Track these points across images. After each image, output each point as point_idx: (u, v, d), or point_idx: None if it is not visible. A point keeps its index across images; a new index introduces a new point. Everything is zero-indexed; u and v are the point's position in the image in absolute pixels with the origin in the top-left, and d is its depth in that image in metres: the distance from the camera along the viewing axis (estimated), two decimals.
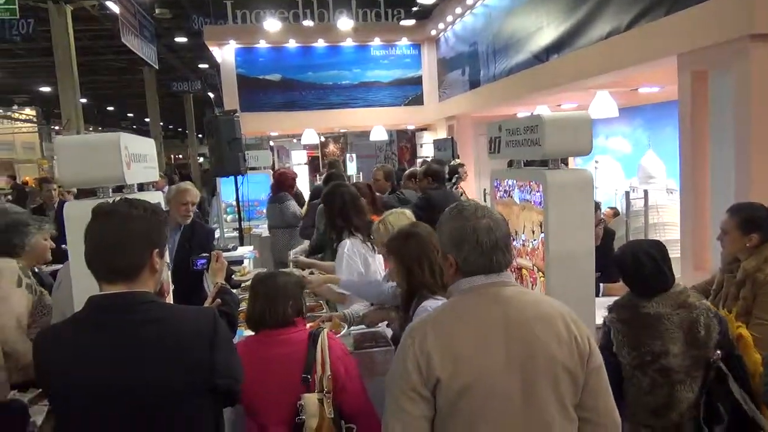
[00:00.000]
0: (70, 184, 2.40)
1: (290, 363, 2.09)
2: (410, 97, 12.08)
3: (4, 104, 23.28)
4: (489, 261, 1.62)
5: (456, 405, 1.53)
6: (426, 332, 1.57)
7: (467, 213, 1.66)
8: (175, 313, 1.66)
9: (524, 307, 1.61)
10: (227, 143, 5.86)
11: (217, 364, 1.60)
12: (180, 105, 29.13)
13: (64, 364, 1.55)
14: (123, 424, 1.54)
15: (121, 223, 1.57)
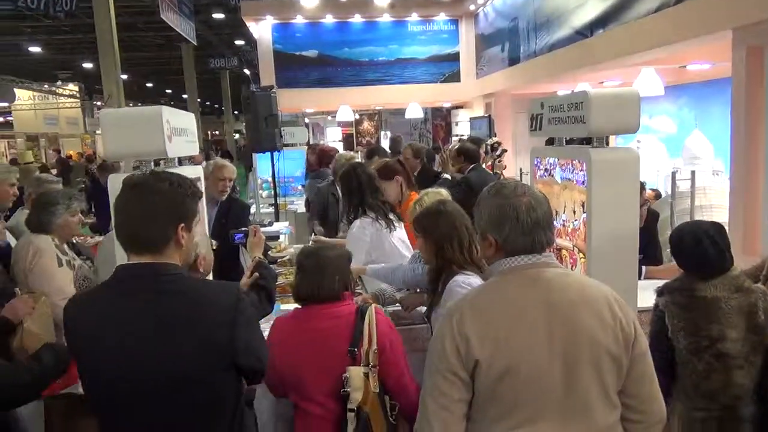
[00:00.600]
0: (113, 156, 2.43)
1: (337, 336, 2.10)
2: (447, 74, 11.89)
3: (49, 80, 23.92)
4: (530, 240, 1.57)
5: (495, 388, 1.51)
6: (464, 314, 1.54)
7: (507, 191, 1.61)
8: (198, 287, 1.65)
9: (567, 289, 1.56)
10: (264, 119, 5.89)
11: (237, 342, 1.59)
12: (217, 81, 29.42)
13: (88, 330, 1.57)
14: (144, 392, 1.55)
15: (147, 195, 1.57)
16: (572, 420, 1.53)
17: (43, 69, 24.87)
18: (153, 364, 1.53)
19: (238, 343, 1.59)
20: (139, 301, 1.55)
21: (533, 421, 1.51)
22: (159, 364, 1.53)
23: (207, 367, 1.56)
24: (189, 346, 1.54)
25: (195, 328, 1.55)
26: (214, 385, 1.59)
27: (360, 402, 2.03)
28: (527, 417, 1.51)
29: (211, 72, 26.23)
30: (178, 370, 1.54)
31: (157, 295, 1.56)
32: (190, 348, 1.54)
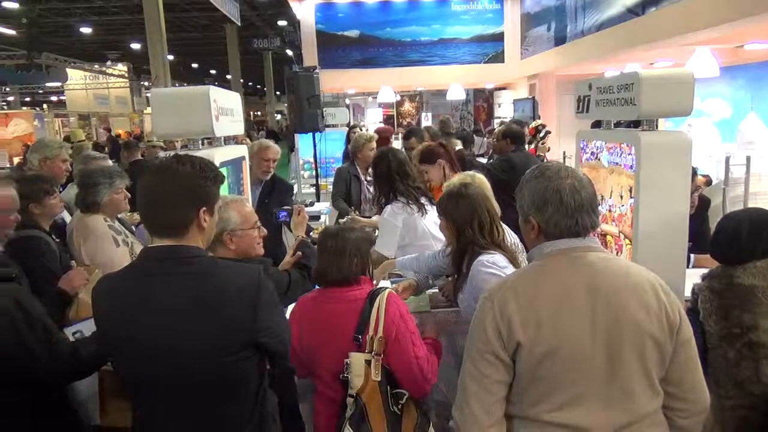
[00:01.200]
0: (162, 135, 2.50)
1: (346, 320, 2.08)
2: (490, 55, 11.67)
3: (99, 60, 24.62)
4: (574, 223, 1.54)
5: (537, 371, 1.50)
6: (506, 296, 1.53)
7: (550, 173, 1.59)
8: (220, 268, 1.65)
9: (611, 273, 1.54)
10: (306, 100, 5.92)
11: (259, 323, 1.60)
12: (259, 62, 29.71)
13: (114, 310, 1.61)
14: (168, 371, 1.58)
15: (169, 179, 1.58)
16: (613, 405, 1.51)
17: (94, 49, 25.62)
18: (176, 344, 1.55)
19: (259, 324, 1.60)
20: (162, 283, 1.57)
21: (574, 404, 1.50)
22: (182, 344, 1.55)
23: (229, 348, 1.58)
24: (212, 327, 1.56)
25: (217, 310, 1.56)
26: (237, 365, 1.61)
27: (358, 389, 2.02)
28: (568, 400, 1.50)
29: (253, 53, 26.48)
30: (200, 350, 1.56)
31: (180, 277, 1.58)
32: (213, 329, 1.56)
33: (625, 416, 1.52)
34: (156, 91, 2.46)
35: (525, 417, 1.55)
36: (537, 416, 1.53)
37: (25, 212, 2.69)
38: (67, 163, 3.76)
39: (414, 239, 3.41)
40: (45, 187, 2.82)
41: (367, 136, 5.17)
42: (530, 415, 1.54)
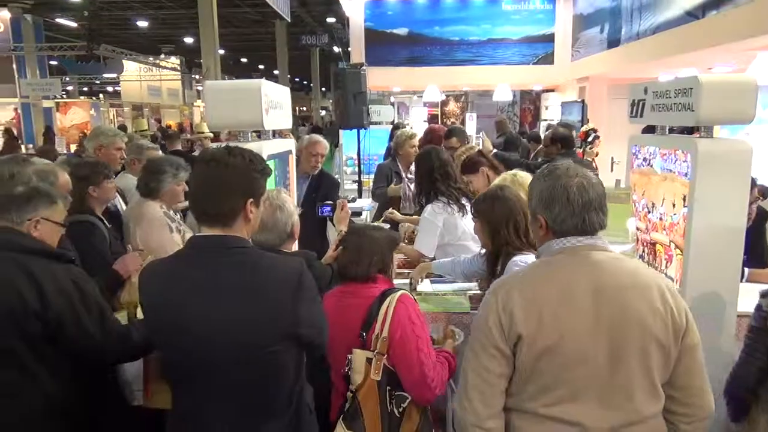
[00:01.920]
0: (215, 126, 2.56)
1: (355, 316, 2.07)
2: (540, 56, 11.47)
3: (153, 53, 25.38)
4: (581, 221, 1.56)
5: (536, 365, 1.51)
6: (510, 290, 1.55)
7: (559, 172, 1.61)
8: (263, 260, 1.68)
9: (618, 273, 1.53)
10: (353, 96, 5.95)
11: (299, 314, 1.62)
12: (306, 58, 30.04)
13: (159, 297, 1.65)
14: (209, 358, 1.60)
15: (220, 170, 1.61)
16: (612, 403, 1.51)
17: (149, 43, 26.42)
18: (218, 332, 1.58)
19: (300, 315, 1.63)
20: (208, 272, 1.61)
21: (572, 400, 1.51)
22: (224, 332, 1.58)
23: (270, 337, 1.61)
24: (253, 316, 1.59)
25: (260, 299, 1.59)
26: (277, 354, 1.63)
27: (357, 386, 2.01)
28: (566, 396, 1.51)
29: (301, 49, 26.80)
30: (242, 338, 1.59)
31: (225, 266, 1.61)
32: (255, 318, 1.59)
33: (623, 416, 1.51)
34: (210, 83, 2.52)
35: (523, 410, 1.56)
36: (534, 410, 1.54)
37: (82, 197, 2.81)
38: (121, 151, 3.86)
39: (453, 239, 3.41)
40: (104, 172, 2.94)
41: (408, 133, 5.19)
42: (528, 409, 1.55)
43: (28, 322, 1.84)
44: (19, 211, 1.96)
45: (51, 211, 2.03)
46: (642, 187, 3.10)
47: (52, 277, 1.89)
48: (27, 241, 1.94)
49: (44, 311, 1.85)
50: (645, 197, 3.07)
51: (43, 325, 1.86)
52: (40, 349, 1.89)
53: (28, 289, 1.84)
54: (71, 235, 2.67)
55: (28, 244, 1.93)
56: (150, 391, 2.48)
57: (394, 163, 5.09)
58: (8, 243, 1.91)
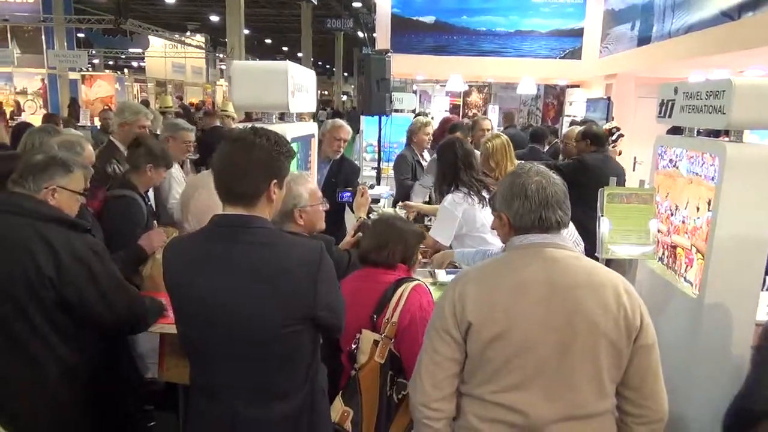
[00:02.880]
0: (240, 106, 2.57)
1: (370, 299, 2.11)
2: (567, 51, 11.28)
3: (179, 30, 25.48)
4: (538, 217, 1.61)
5: (485, 352, 1.56)
6: (468, 281, 1.63)
7: (521, 171, 1.68)
8: (284, 240, 1.70)
9: (573, 270, 1.58)
10: (376, 82, 5.91)
11: (318, 296, 1.64)
12: (330, 42, 29.97)
13: (181, 273, 1.68)
14: (226, 335, 1.63)
15: (246, 150, 1.62)
16: (556, 396, 1.54)
17: (175, 20, 26.52)
18: (236, 310, 1.61)
19: (318, 297, 1.65)
20: (229, 250, 1.63)
21: (517, 388, 1.56)
22: (242, 310, 1.60)
23: (287, 318, 1.63)
24: (272, 296, 1.61)
25: (280, 280, 1.61)
26: (293, 335, 1.65)
27: (361, 365, 2.05)
28: (512, 384, 1.56)
29: (325, 32, 26.75)
30: (259, 317, 1.61)
31: (247, 246, 1.63)
32: (274, 298, 1.61)
33: (566, 409, 1.54)
34: (237, 63, 2.53)
35: (471, 395, 1.62)
36: (481, 396, 1.60)
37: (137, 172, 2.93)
38: (145, 129, 3.82)
39: (471, 230, 3.41)
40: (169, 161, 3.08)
41: (423, 120, 5.25)
42: (476, 394, 1.61)
43: (42, 288, 1.88)
44: (36, 180, 2.00)
45: (68, 179, 2.06)
46: (666, 189, 3.06)
47: (67, 244, 1.93)
48: (44, 208, 1.98)
49: (59, 278, 1.89)
50: (668, 199, 3.02)
51: (56, 292, 1.90)
52: (55, 316, 1.93)
53: (43, 255, 1.88)
54: (109, 206, 2.74)
55: (44, 211, 1.97)
56: (165, 364, 2.53)
57: (412, 150, 5.09)
58: (25, 209, 1.95)
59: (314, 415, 1.75)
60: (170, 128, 3.99)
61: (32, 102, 17.27)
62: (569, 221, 1.68)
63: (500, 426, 1.57)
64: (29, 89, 17.45)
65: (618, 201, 2.76)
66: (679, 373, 2.46)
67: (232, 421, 1.66)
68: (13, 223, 1.91)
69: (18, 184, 2.00)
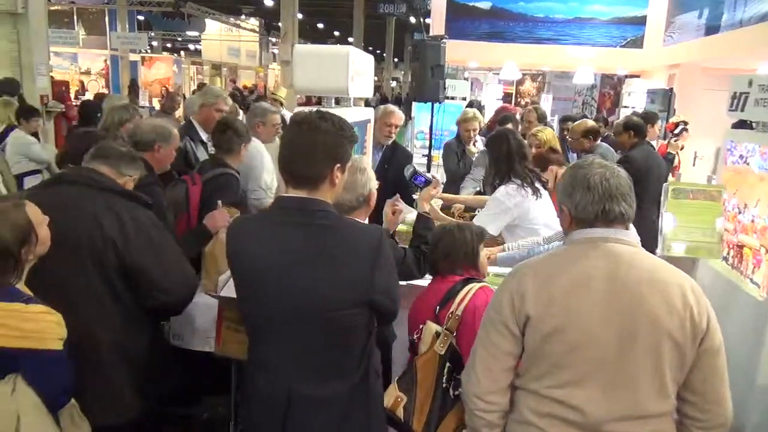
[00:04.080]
0: (301, 90, 2.59)
1: (436, 296, 2.15)
2: (628, 39, 10.86)
3: (235, 13, 25.87)
4: (601, 209, 1.56)
5: (543, 346, 1.54)
6: (526, 273, 1.61)
7: (584, 163, 1.65)
8: (345, 224, 1.73)
9: (636, 266, 1.53)
10: (431, 69, 5.85)
11: (376, 280, 1.66)
12: (381, 27, 29.80)
13: (244, 252, 1.72)
14: (286, 315, 1.67)
15: (311, 133, 1.64)
16: (614, 394, 1.50)
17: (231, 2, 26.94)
18: (297, 291, 1.64)
19: (377, 281, 1.66)
20: (291, 232, 1.66)
21: (575, 384, 1.52)
22: (302, 291, 1.64)
23: (345, 300, 1.65)
24: (332, 279, 1.63)
25: (340, 262, 1.64)
26: (351, 317, 1.68)
27: (420, 354, 2.06)
28: (570, 379, 1.53)
29: (377, 17, 26.60)
30: (318, 299, 1.64)
31: (309, 228, 1.65)
32: (333, 280, 1.63)
33: (624, 408, 1.50)
34: (299, 47, 2.55)
35: (527, 389, 1.60)
36: (537, 390, 1.57)
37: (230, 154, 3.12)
38: (221, 113, 3.83)
39: (524, 222, 3.35)
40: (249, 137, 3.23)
41: (469, 114, 5.23)
42: (531, 388, 1.59)
43: (105, 253, 1.99)
44: (122, 167, 2.18)
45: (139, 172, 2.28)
46: (734, 186, 2.93)
47: (132, 215, 2.06)
48: (114, 184, 2.12)
49: (123, 244, 2.00)
50: (736, 197, 2.90)
51: (118, 258, 2.01)
52: (114, 283, 2.04)
53: (109, 223, 2.00)
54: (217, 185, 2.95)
55: (114, 186, 2.12)
56: (221, 339, 2.61)
57: (459, 141, 5.07)
58: (98, 182, 2.09)
59: (368, 396, 1.78)
60: (259, 113, 4.06)
61: (95, 82, 17.96)
62: (634, 215, 1.62)
63: (555, 421, 1.55)
64: (93, 69, 18.16)
65: (683, 197, 2.67)
66: (738, 378, 2.37)
67: (288, 397, 1.70)
68: (84, 193, 2.05)
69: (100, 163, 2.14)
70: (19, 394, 1.66)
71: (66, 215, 1.95)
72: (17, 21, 7.06)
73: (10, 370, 1.68)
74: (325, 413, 1.72)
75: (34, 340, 1.67)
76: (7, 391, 1.65)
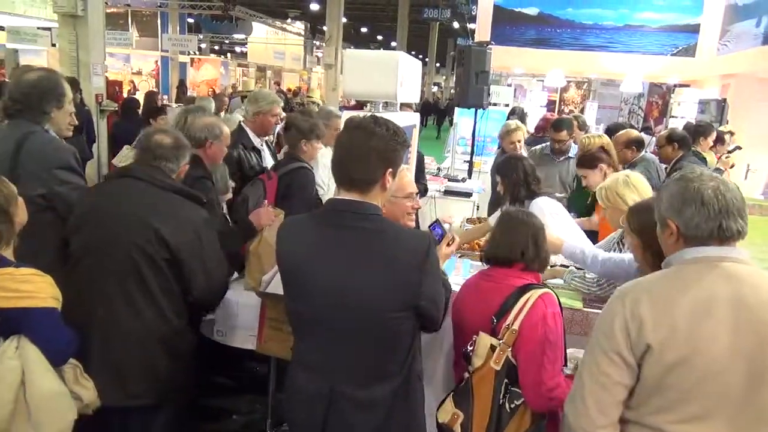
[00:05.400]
0: (351, 94, 2.62)
1: (490, 301, 2.04)
2: (680, 47, 10.59)
3: (281, 17, 26.32)
4: (717, 226, 1.43)
5: (665, 378, 1.41)
6: (639, 296, 1.46)
7: (692, 176, 1.50)
8: (396, 229, 1.74)
9: (759, 287, 1.41)
10: (475, 75, 5.83)
11: (423, 286, 1.66)
12: (424, 32, 29.82)
13: (294, 253, 1.75)
14: (334, 316, 1.69)
15: (364, 138, 1.66)
16: (744, 428, 1.40)
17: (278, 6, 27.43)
18: (344, 293, 1.66)
19: (424, 287, 1.67)
20: (341, 234, 1.68)
21: (701, 419, 1.41)
22: (349, 293, 1.65)
23: (392, 304, 1.66)
24: (379, 282, 1.64)
25: (390, 266, 1.65)
26: (396, 321, 1.68)
27: (475, 368, 1.99)
28: (695, 414, 1.41)
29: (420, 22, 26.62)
30: (365, 301, 1.65)
31: (359, 231, 1.67)
32: (380, 284, 1.64)
33: None
34: (350, 51, 2.59)
35: (644, 424, 1.48)
36: (657, 425, 1.45)
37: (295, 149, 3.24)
38: (277, 117, 3.80)
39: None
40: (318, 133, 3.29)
41: (511, 126, 4.98)
42: (650, 423, 1.47)
43: (158, 247, 2.11)
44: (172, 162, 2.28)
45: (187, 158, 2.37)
46: None
47: (184, 211, 2.20)
48: (170, 181, 2.25)
49: (173, 238, 2.12)
50: None
51: (169, 251, 2.12)
52: (163, 278, 2.15)
53: (163, 218, 2.13)
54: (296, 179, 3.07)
55: (170, 183, 2.24)
56: (263, 337, 2.66)
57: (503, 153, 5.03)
58: (157, 180, 2.21)
59: (409, 400, 1.79)
60: (324, 116, 4.06)
61: (146, 82, 18.58)
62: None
63: None
64: (144, 70, 18.79)
65: None
66: None
67: (330, 398, 1.72)
68: (143, 189, 2.19)
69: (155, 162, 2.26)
70: (23, 350, 1.79)
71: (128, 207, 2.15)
72: (77, 23, 7.37)
73: (13, 332, 1.80)
74: (366, 415, 1.73)
75: (31, 299, 1.79)
76: (12, 347, 1.78)
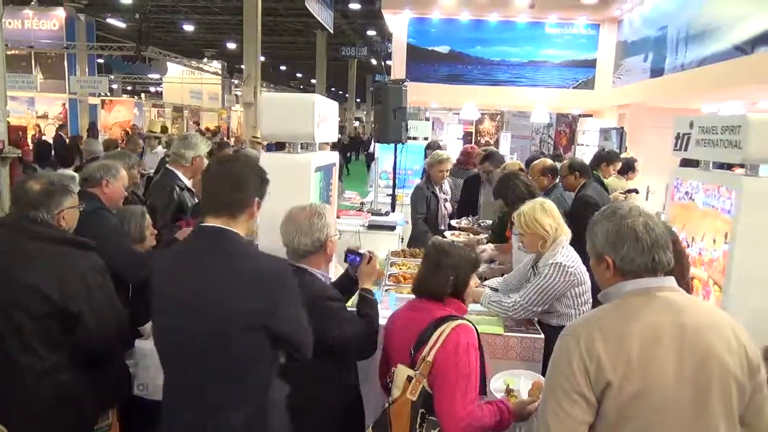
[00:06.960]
0: (267, 135, 2.65)
1: (412, 333, 2.09)
2: (580, 81, 11.40)
3: (197, 56, 26.02)
4: (650, 259, 1.54)
5: (625, 412, 1.47)
6: (592, 335, 1.50)
7: (623, 212, 1.60)
8: (254, 254, 1.84)
9: (695, 312, 1.53)
10: (393, 111, 6.00)
11: (279, 311, 1.74)
12: (343, 69, 30.41)
13: (157, 280, 1.82)
14: (185, 341, 1.73)
15: (234, 166, 1.85)
16: None
17: (193, 46, 27.12)
18: (196, 316, 1.71)
19: (279, 312, 1.74)
20: (200, 259, 1.76)
21: None
22: (202, 316, 1.70)
23: (242, 326, 1.71)
24: (230, 303, 1.70)
25: (246, 288, 1.72)
26: (248, 345, 1.73)
27: (392, 400, 2.04)
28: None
29: (339, 59, 27.18)
30: (215, 323, 1.70)
31: (221, 255, 1.76)
32: (231, 304, 1.70)
33: None
34: (266, 94, 2.63)
35: None
36: None
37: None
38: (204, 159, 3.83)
39: None
40: None
41: (439, 157, 5.32)
42: None
43: (40, 305, 2.01)
44: (48, 208, 2.15)
45: (71, 200, 2.24)
46: (682, 221, 3.09)
47: (71, 262, 2.10)
48: (52, 231, 2.14)
49: (60, 297, 2.02)
50: (684, 231, 3.05)
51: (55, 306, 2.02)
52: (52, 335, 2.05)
53: (48, 272, 2.03)
54: None
55: (53, 234, 2.13)
56: None
57: (429, 183, 5.18)
58: (36, 232, 2.10)
59: (266, 426, 1.80)
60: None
61: (52, 126, 17.65)
62: None
63: None
64: (50, 113, 17.87)
65: None
66: None
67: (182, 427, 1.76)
68: (17, 241, 2.08)
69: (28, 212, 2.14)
70: None
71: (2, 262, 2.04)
72: None
73: None
74: None
75: None
76: None
